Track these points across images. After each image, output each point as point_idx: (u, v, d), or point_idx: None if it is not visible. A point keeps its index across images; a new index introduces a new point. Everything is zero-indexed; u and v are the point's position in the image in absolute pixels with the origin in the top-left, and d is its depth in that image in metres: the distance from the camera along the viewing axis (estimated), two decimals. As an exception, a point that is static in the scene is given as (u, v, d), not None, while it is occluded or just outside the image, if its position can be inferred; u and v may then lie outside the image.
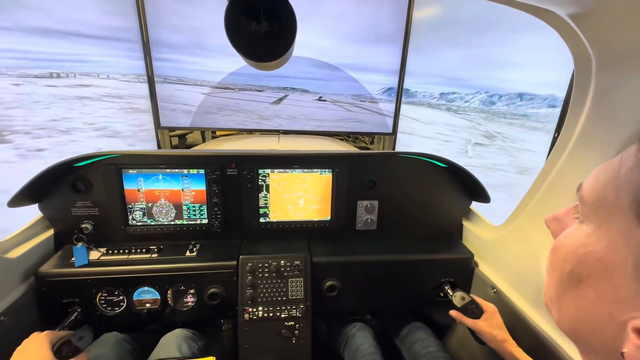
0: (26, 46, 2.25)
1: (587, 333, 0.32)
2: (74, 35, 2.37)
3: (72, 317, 1.00)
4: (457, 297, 1.01)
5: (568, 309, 0.33)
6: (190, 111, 2.94)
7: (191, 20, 2.61)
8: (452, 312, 1.02)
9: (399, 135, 3.31)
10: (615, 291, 0.28)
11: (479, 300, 1.00)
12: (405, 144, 3.32)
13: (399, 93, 3.09)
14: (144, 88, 2.76)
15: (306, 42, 2.82)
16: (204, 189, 1.18)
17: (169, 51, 2.68)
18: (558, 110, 2.31)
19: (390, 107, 3.20)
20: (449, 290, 1.16)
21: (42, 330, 0.83)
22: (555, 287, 0.35)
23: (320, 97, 3.09)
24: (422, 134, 3.22)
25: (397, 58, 2.97)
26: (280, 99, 3.04)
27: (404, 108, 3.21)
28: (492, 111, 2.77)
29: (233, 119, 3.05)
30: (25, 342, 0.80)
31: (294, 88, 3.02)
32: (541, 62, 2.32)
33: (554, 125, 2.33)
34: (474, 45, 2.70)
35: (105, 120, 2.66)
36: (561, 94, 2.31)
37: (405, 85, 3.09)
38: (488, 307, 0.98)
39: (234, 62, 2.78)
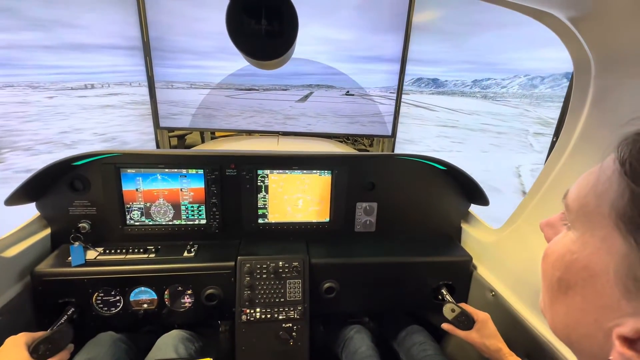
0: (68, 62, 2.38)
1: (578, 339, 0.32)
2: (109, 47, 2.50)
3: (66, 317, 0.99)
4: (447, 309, 1.00)
5: (559, 315, 0.34)
6: (212, 115, 2.96)
7: (212, 25, 2.64)
8: (444, 326, 1.01)
9: (442, 130, 3.00)
10: (600, 298, 0.28)
11: (470, 309, 0.99)
12: (455, 139, 2.98)
13: (399, 93, 3.01)
14: (168, 92, 2.80)
15: (327, 37, 2.75)
16: (203, 189, 1.18)
17: (193, 57, 2.73)
18: None
19: (422, 98, 3.03)
20: (446, 295, 1.16)
21: (37, 330, 0.83)
22: (547, 293, 0.36)
23: (348, 92, 3.02)
24: (468, 126, 2.94)
25: (420, 46, 2.77)
26: (306, 96, 3.01)
27: (435, 99, 2.99)
28: (536, 95, 2.53)
29: (256, 120, 3.04)
30: (1, 347, 0.77)
31: (318, 85, 2.97)
32: None
33: None
34: (506, 24, 2.45)
35: (119, 129, 2.70)
36: None
37: (433, 74, 2.89)
38: (479, 316, 0.96)
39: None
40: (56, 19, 2.25)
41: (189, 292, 1.10)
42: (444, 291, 1.17)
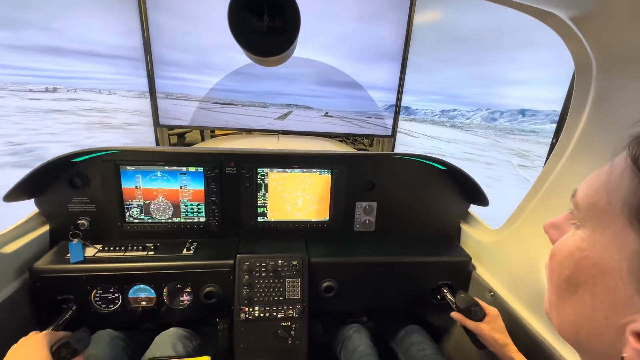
0: (37, 64, 2.31)
1: (586, 338, 0.32)
2: (89, 54, 2.47)
3: (67, 315, 0.99)
4: (462, 299, 1.00)
5: (567, 314, 0.34)
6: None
7: (194, 40, 2.65)
8: (454, 314, 1.01)
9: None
10: (612, 295, 0.28)
11: (481, 303, 1.00)
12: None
13: (399, 97, 3.10)
14: (138, 103, 2.73)
15: (308, 60, 2.88)
16: (203, 187, 1.17)
17: (172, 69, 2.73)
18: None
19: (406, 126, 3.24)
20: (447, 294, 1.16)
21: (35, 327, 0.82)
22: (554, 293, 0.35)
23: (327, 113, 3.13)
24: (453, 155, 3.07)
25: (396, 76, 3.02)
26: (286, 115, 3.08)
27: (411, 125, 3.20)
28: (499, 127, 2.77)
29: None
30: (23, 340, 0.78)
31: (297, 105, 3.07)
32: (541, 79, 2.37)
33: None
34: (474, 63, 2.76)
35: (48, 138, 2.49)
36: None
37: (405, 102, 3.12)
38: (490, 310, 0.97)
39: (235, 79, 2.85)
40: (32, 20, 2.20)
41: (188, 290, 1.10)
42: (445, 290, 1.17)
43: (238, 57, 2.70)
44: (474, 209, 1.35)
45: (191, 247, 1.15)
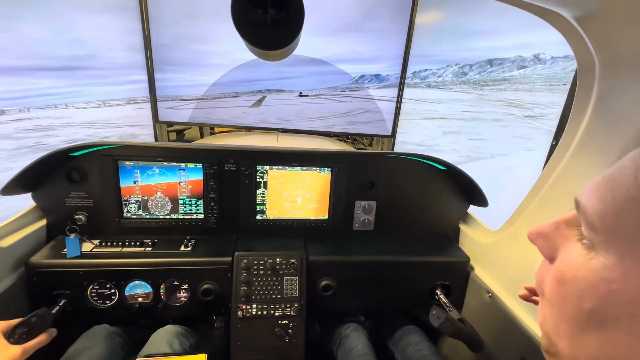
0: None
1: None
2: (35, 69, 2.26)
3: (57, 307, 0.97)
4: (433, 316, 1.00)
5: (586, 348, 0.28)
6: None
7: (155, 38, 2.55)
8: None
9: (439, 124, 3.00)
10: None
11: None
12: (469, 134, 2.91)
13: (400, 92, 3.03)
14: (96, 113, 2.57)
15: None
16: (201, 183, 1.17)
17: (137, 72, 2.63)
18: (530, 70, 2.37)
19: (374, 93, 3.12)
20: (440, 295, 1.15)
21: None
22: (567, 321, 0.30)
23: (301, 93, 3.05)
24: (455, 116, 2.95)
25: (370, 45, 2.90)
26: (259, 101, 3.00)
27: (388, 92, 3.08)
28: (472, 81, 2.76)
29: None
30: None
31: (268, 90, 3.01)
32: (503, 26, 2.39)
33: (537, 85, 2.34)
34: (437, 19, 2.72)
35: None
36: (527, 54, 2.34)
37: (375, 70, 3.01)
38: None
39: (203, 74, 2.79)
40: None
41: (185, 286, 1.09)
42: (438, 292, 1.17)
43: (198, 48, 2.63)
44: (473, 209, 1.35)
45: (189, 244, 1.14)
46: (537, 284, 0.37)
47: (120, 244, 1.10)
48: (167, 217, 1.18)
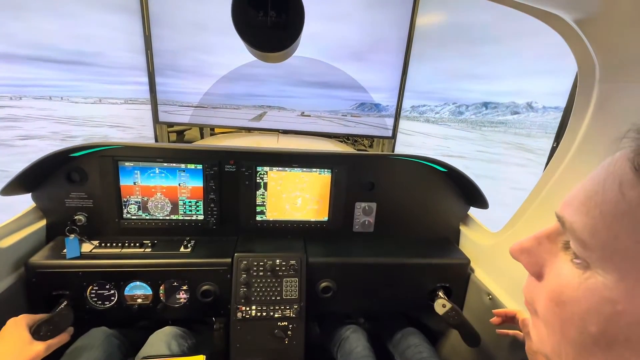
0: None
1: None
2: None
3: (58, 309, 0.98)
4: (439, 305, 1.03)
5: None
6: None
7: (160, 43, 2.57)
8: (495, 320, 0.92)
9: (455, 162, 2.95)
10: None
11: (516, 333, 0.88)
12: (486, 176, 2.84)
13: (400, 100, 3.09)
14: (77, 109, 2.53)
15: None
16: (201, 184, 1.17)
17: (139, 74, 2.64)
18: (523, 117, 2.42)
19: (378, 121, 3.23)
20: (441, 297, 1.15)
21: None
22: (571, 345, 0.29)
23: (303, 113, 3.10)
24: (470, 156, 2.93)
25: (374, 75, 3.01)
26: (260, 116, 3.03)
27: (381, 121, 3.20)
28: (469, 120, 2.84)
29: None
30: (2, 329, 0.79)
31: (269, 106, 3.04)
32: (501, 73, 2.48)
33: (532, 131, 2.39)
34: (438, 59, 2.83)
35: None
36: (521, 102, 2.42)
37: (376, 100, 3.12)
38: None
39: (203, 82, 2.81)
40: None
41: (185, 287, 1.09)
42: (440, 293, 1.17)
43: (204, 58, 2.67)
44: (473, 211, 1.35)
45: (189, 245, 1.14)
46: (526, 302, 0.36)
47: (119, 244, 1.10)
48: (167, 218, 1.18)
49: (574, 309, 0.28)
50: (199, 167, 1.15)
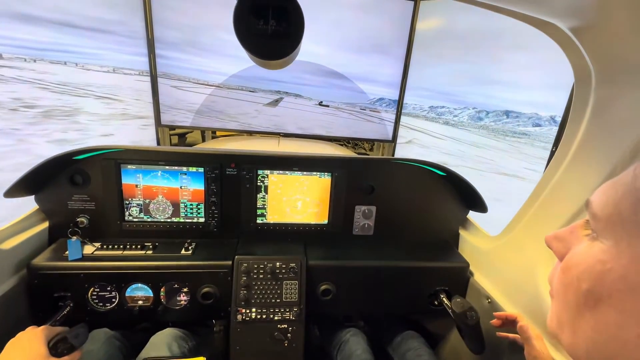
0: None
1: (607, 358, 0.29)
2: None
3: (64, 312, 0.99)
4: (457, 303, 0.99)
5: (584, 331, 0.31)
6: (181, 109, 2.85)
7: (182, 17, 2.54)
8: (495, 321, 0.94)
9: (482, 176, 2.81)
10: None
11: (523, 325, 0.87)
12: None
13: (400, 102, 3.09)
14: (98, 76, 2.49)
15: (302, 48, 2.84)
16: (203, 187, 1.18)
17: (163, 47, 2.63)
18: (545, 130, 2.37)
19: (389, 117, 3.19)
20: (444, 299, 1.16)
21: (31, 324, 0.82)
22: (568, 309, 0.33)
23: (321, 102, 3.03)
24: (519, 172, 2.70)
25: (393, 70, 2.97)
26: (276, 101, 2.96)
27: (406, 120, 3.15)
28: (491, 128, 2.76)
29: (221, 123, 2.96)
30: (21, 334, 0.78)
31: (287, 92, 3.00)
32: (526, 82, 2.40)
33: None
34: (464, 61, 2.76)
35: None
36: (545, 114, 2.36)
37: (394, 96, 3.08)
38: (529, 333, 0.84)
39: (229, 63, 2.77)
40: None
41: (185, 290, 1.10)
42: (442, 295, 1.17)
43: (226, 38, 2.62)
44: (472, 215, 1.36)
45: (190, 247, 1.15)
46: (550, 290, 0.39)
47: (121, 247, 1.11)
48: (168, 220, 1.19)
49: (574, 271, 0.32)
50: (201, 170, 1.16)
